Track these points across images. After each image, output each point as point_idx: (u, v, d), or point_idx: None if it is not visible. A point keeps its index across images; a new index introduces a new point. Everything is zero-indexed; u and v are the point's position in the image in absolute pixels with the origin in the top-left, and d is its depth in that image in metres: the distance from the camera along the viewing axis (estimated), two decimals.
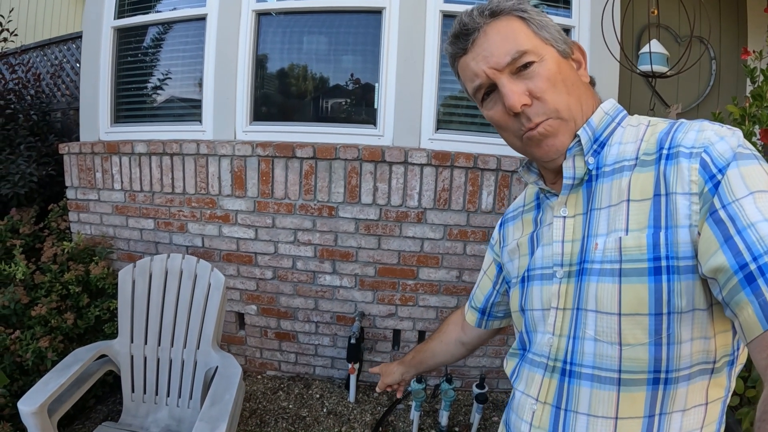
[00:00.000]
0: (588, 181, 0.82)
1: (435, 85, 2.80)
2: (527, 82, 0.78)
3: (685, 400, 0.74)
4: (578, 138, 0.80)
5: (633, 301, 0.72)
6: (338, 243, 2.87)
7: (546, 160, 0.83)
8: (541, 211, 0.93)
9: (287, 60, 3.03)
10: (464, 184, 2.73)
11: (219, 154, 2.87)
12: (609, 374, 0.75)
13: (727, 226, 0.63)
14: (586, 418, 0.78)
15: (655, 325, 0.71)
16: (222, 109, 2.96)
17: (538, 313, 0.88)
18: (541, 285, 0.87)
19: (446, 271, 2.84)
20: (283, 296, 3.00)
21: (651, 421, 0.75)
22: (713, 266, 0.64)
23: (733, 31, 3.54)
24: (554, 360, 0.83)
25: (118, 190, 3.16)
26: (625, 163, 0.77)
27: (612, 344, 0.74)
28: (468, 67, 0.83)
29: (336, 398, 2.96)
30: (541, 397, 0.86)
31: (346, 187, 2.78)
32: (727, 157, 0.67)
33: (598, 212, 0.78)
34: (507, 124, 0.82)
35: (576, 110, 0.80)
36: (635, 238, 0.72)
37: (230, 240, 2.98)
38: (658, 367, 0.72)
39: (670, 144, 0.72)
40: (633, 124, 0.82)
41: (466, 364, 2.98)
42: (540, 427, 0.85)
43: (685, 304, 0.70)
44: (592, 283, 0.76)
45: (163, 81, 3.26)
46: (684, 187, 0.69)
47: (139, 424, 2.27)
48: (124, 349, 2.33)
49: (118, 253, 3.27)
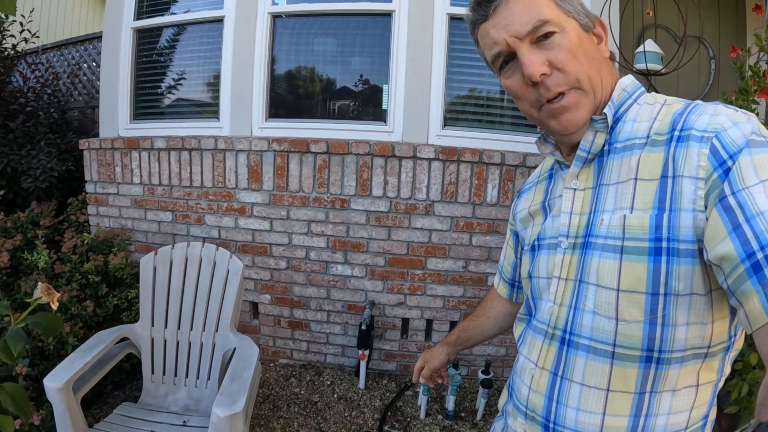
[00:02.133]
0: (600, 156, 0.82)
1: (442, 83, 2.92)
2: (547, 53, 0.77)
3: (676, 381, 0.76)
4: (605, 115, 0.80)
5: (632, 278, 0.73)
6: (350, 234, 2.99)
7: (563, 134, 0.83)
8: (553, 182, 0.95)
9: (301, 60, 3.16)
10: (470, 177, 2.85)
11: (236, 149, 3.00)
12: (604, 347, 0.77)
13: (735, 214, 0.63)
14: (579, 387, 0.81)
15: (651, 305, 0.72)
16: (239, 106, 3.09)
17: (543, 281, 0.90)
18: (547, 254, 0.89)
19: (453, 262, 2.95)
20: (297, 286, 3.12)
21: (641, 397, 0.77)
22: (720, 254, 0.64)
23: (732, 31, 3.63)
24: (554, 328, 0.86)
25: (137, 184, 3.29)
26: (636, 141, 0.77)
27: (609, 318, 0.76)
28: (488, 35, 0.82)
29: (346, 385, 3.06)
30: (540, 362, 0.88)
31: (357, 181, 2.91)
32: (739, 144, 0.66)
33: (607, 188, 0.79)
34: (524, 93, 0.82)
35: (597, 83, 0.80)
36: (639, 217, 0.72)
37: (246, 231, 3.10)
38: (651, 346, 0.73)
39: (683, 126, 0.72)
40: (649, 102, 0.82)
41: (472, 353, 3.09)
42: (537, 391, 0.88)
43: (682, 287, 0.70)
44: (595, 257, 0.78)
45: (181, 79, 3.39)
46: (691, 171, 0.68)
47: (158, 404, 2.38)
48: (145, 332, 2.45)
49: (136, 245, 3.39)
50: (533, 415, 0.89)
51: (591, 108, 0.80)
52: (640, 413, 0.77)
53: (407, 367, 3.17)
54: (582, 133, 0.82)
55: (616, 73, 0.86)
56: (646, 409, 0.77)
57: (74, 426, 1.93)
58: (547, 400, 0.86)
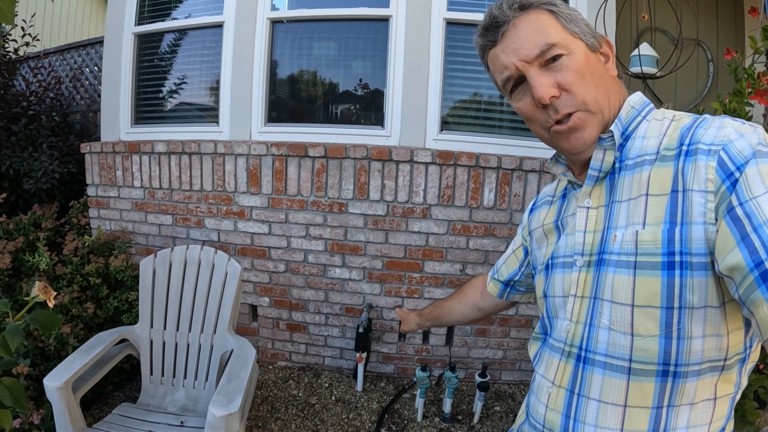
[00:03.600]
0: (611, 173, 0.83)
1: (439, 88, 2.94)
2: (556, 75, 0.79)
3: (694, 394, 0.75)
4: (611, 133, 0.81)
5: (646, 293, 0.73)
6: (348, 237, 3.01)
7: (573, 153, 0.85)
8: (567, 201, 0.96)
9: (300, 65, 3.19)
10: (467, 181, 2.87)
11: (236, 153, 3.03)
12: (620, 363, 0.77)
13: (743, 224, 0.63)
14: (596, 404, 0.80)
15: (666, 319, 0.72)
16: (238, 111, 3.12)
17: (559, 300, 0.90)
18: (563, 273, 0.89)
19: (450, 265, 2.97)
20: (295, 288, 3.14)
21: (659, 412, 0.76)
22: (730, 264, 0.64)
23: (730, 34, 3.64)
24: (570, 345, 0.86)
25: (137, 188, 3.32)
26: (647, 158, 0.78)
27: (624, 334, 0.76)
28: (497, 59, 0.84)
29: (344, 387, 3.08)
30: (557, 380, 0.88)
31: (355, 184, 2.93)
32: (746, 155, 0.66)
33: (619, 204, 0.80)
34: (535, 115, 0.84)
35: (603, 103, 0.81)
36: (651, 232, 0.73)
37: (245, 234, 3.13)
38: (668, 360, 0.73)
39: (690, 140, 0.72)
40: (658, 118, 0.82)
41: (470, 356, 3.11)
42: (555, 410, 0.88)
43: (696, 300, 0.70)
44: (609, 273, 0.78)
45: (182, 84, 3.43)
46: (701, 185, 0.69)
47: (156, 404, 2.40)
48: (144, 333, 2.48)
49: (137, 248, 3.42)
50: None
51: (599, 127, 0.82)
52: (658, 428, 0.77)
53: (405, 369, 3.19)
54: (591, 151, 0.83)
55: (624, 91, 0.87)
56: (664, 424, 0.77)
57: (73, 425, 1.95)
58: (565, 418, 0.86)
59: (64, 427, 1.94)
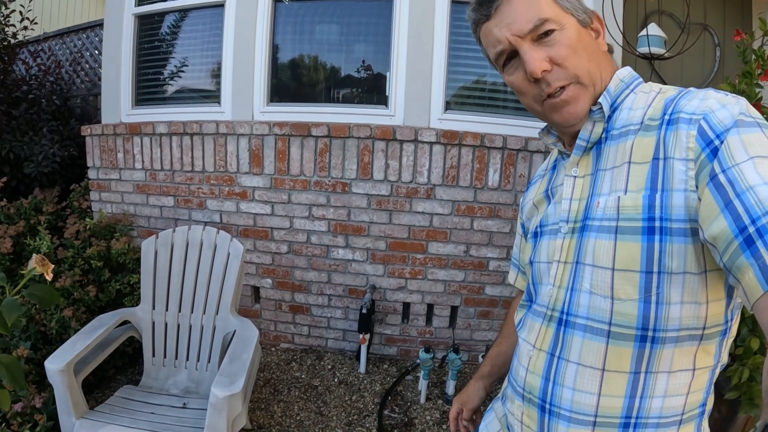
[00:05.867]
0: (598, 143, 0.85)
1: (444, 67, 2.90)
2: (548, 49, 0.80)
3: (671, 362, 0.77)
4: (600, 105, 0.83)
5: (626, 257, 0.75)
6: (351, 218, 2.99)
7: (565, 126, 0.86)
8: (556, 172, 0.98)
9: (302, 44, 3.15)
10: (471, 161, 2.84)
11: (237, 134, 3.00)
12: (600, 326, 0.79)
13: (726, 191, 0.64)
14: (575, 367, 0.82)
15: (646, 283, 0.74)
16: (240, 91, 3.09)
17: (543, 266, 0.92)
18: (549, 240, 0.92)
19: (454, 246, 2.95)
20: (298, 270, 3.12)
21: (636, 377, 0.78)
22: (714, 232, 0.64)
23: (737, 19, 3.61)
24: (552, 309, 0.88)
25: (139, 170, 3.30)
26: (631, 127, 0.80)
27: (605, 298, 0.78)
28: (491, 34, 0.85)
29: (347, 369, 3.08)
30: (537, 343, 0.90)
31: (358, 164, 2.90)
32: (726, 124, 0.68)
33: (603, 173, 0.82)
34: (527, 89, 0.85)
35: (595, 76, 0.83)
36: (632, 198, 0.75)
37: (247, 216, 3.11)
38: (646, 325, 0.75)
39: (673, 110, 0.74)
40: (645, 90, 0.85)
41: (473, 338, 3.10)
42: (535, 372, 0.89)
43: (675, 265, 0.72)
44: (591, 238, 0.80)
45: (183, 65, 3.39)
46: (681, 153, 0.71)
47: (159, 386, 2.39)
48: (146, 315, 2.46)
49: (139, 230, 3.40)
50: (530, 397, 0.91)
51: (590, 100, 0.83)
52: (636, 394, 0.78)
53: (408, 351, 3.18)
54: (582, 124, 0.85)
55: (614, 65, 0.89)
56: (642, 390, 0.78)
57: (75, 408, 1.93)
58: (544, 380, 0.87)
59: (66, 411, 1.92)
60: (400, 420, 2.66)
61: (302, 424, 2.57)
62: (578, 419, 0.82)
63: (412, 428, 2.60)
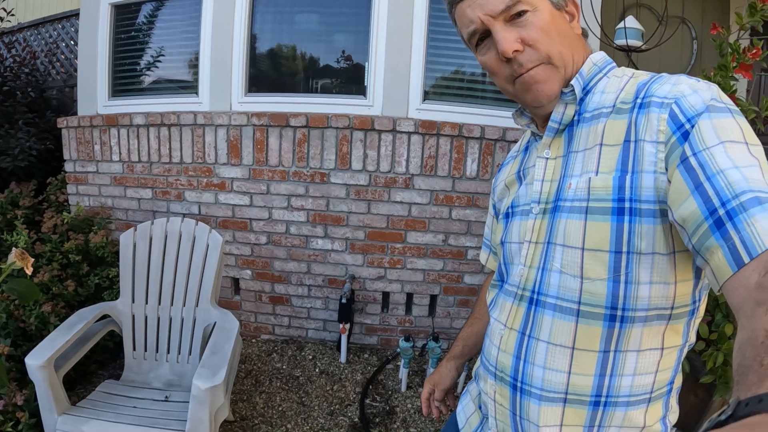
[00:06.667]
0: (570, 125, 0.86)
1: (422, 57, 2.90)
2: (520, 30, 0.80)
3: (640, 341, 0.78)
4: (572, 87, 0.83)
5: (596, 237, 0.76)
6: (330, 208, 2.99)
7: (536, 106, 0.87)
8: (528, 153, 0.99)
9: (281, 33, 3.14)
10: (450, 151, 2.86)
11: (215, 124, 2.98)
12: (570, 305, 0.80)
13: (697, 173, 0.65)
14: (545, 345, 0.83)
15: (615, 263, 0.75)
16: (218, 81, 3.06)
17: (515, 246, 0.93)
18: (520, 220, 0.92)
19: (433, 235, 2.97)
20: (277, 260, 3.12)
21: (606, 356, 0.79)
22: (683, 214, 0.66)
23: (715, 13, 3.66)
24: (523, 289, 0.89)
25: (116, 162, 3.26)
26: (603, 110, 0.81)
27: (575, 277, 0.79)
28: (464, 14, 0.85)
29: (328, 359, 3.09)
30: (509, 323, 0.91)
31: (337, 154, 2.90)
32: (697, 109, 0.69)
33: (575, 155, 0.83)
34: (499, 69, 0.85)
35: (567, 58, 0.83)
36: (603, 179, 0.76)
37: (226, 207, 3.09)
38: (615, 304, 0.76)
39: (645, 94, 0.75)
40: (618, 75, 0.85)
41: (453, 326, 3.12)
42: (506, 351, 0.90)
43: (644, 246, 0.73)
44: (563, 219, 0.81)
45: (160, 55, 3.35)
46: (652, 136, 0.72)
47: (141, 380, 2.37)
48: (126, 308, 2.44)
49: (117, 223, 3.36)
50: (502, 375, 0.92)
51: (561, 82, 0.84)
52: (605, 372, 0.80)
53: (388, 340, 3.20)
54: (553, 105, 0.86)
55: (588, 49, 0.90)
56: (611, 369, 0.79)
57: (57, 404, 1.91)
58: (515, 359, 0.88)
59: (48, 407, 1.90)
60: (382, 408, 2.68)
61: (284, 414, 2.58)
62: (549, 397, 0.84)
63: (394, 416, 2.62)
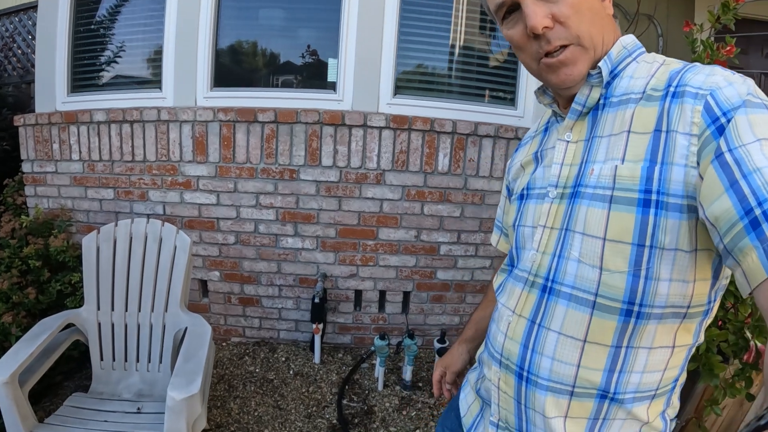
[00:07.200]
0: (595, 109, 0.83)
1: (393, 52, 2.87)
2: (551, 6, 0.77)
3: (653, 338, 0.76)
4: (599, 69, 0.80)
5: (619, 228, 0.73)
6: (300, 205, 2.92)
7: (561, 88, 0.84)
8: (548, 134, 0.96)
9: (248, 27, 3.05)
10: (421, 146, 2.83)
11: (180, 120, 2.87)
12: (586, 296, 0.77)
13: (732, 170, 0.62)
14: (556, 336, 0.81)
15: (636, 256, 0.72)
16: (183, 75, 2.95)
17: (528, 230, 0.90)
18: (535, 203, 0.90)
19: (405, 231, 2.94)
20: (246, 261, 3.04)
21: (617, 351, 0.77)
22: (716, 212, 0.63)
23: (680, 11, 3.71)
24: (535, 275, 0.86)
25: (76, 161, 3.12)
26: (632, 96, 0.77)
27: (593, 267, 0.76)
28: None
29: (302, 360, 3.02)
30: (517, 309, 0.88)
31: (307, 150, 2.84)
32: (733, 102, 0.66)
33: (599, 140, 0.80)
34: (525, 45, 0.82)
35: (597, 39, 0.80)
36: (630, 168, 0.73)
37: (192, 206, 2.99)
38: (633, 299, 0.73)
39: (678, 83, 0.72)
40: (648, 60, 0.82)
41: (426, 323, 3.10)
42: (513, 339, 0.88)
43: (668, 241, 0.70)
44: (583, 206, 0.78)
45: (122, 49, 3.22)
46: (685, 128, 0.69)
47: (110, 392, 2.25)
48: (91, 316, 2.31)
49: (78, 226, 3.22)
50: (507, 363, 0.89)
51: (589, 64, 0.81)
52: (615, 368, 0.78)
53: (362, 339, 3.15)
54: (579, 87, 0.83)
55: (618, 31, 0.86)
56: (621, 365, 0.77)
57: (23, 422, 1.79)
58: (523, 348, 0.86)
59: (14, 425, 1.78)
60: (360, 408, 2.63)
61: (261, 419, 2.51)
62: (556, 388, 0.81)
63: (373, 416, 2.58)
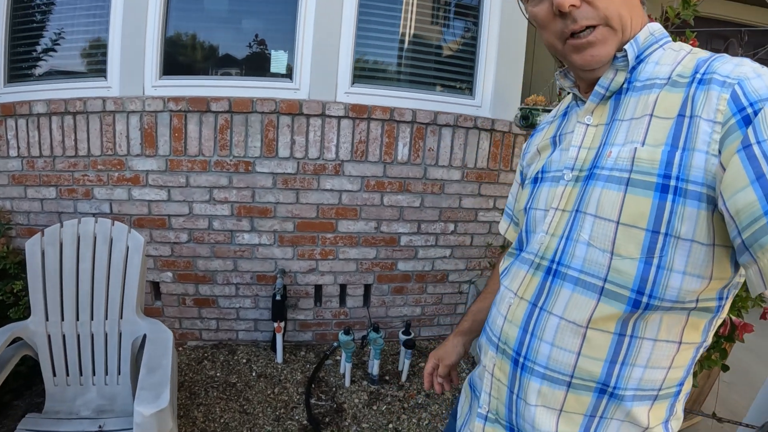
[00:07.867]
0: (618, 93, 0.81)
1: (352, 39, 2.82)
2: None
3: (658, 330, 0.74)
4: (625, 53, 0.78)
5: (634, 212, 0.71)
6: (256, 199, 2.82)
7: (585, 69, 0.81)
8: (567, 118, 0.93)
9: (201, 12, 2.93)
10: (381, 136, 2.78)
11: (127, 111, 2.72)
12: (594, 281, 0.74)
13: (760, 164, 0.60)
14: (558, 320, 0.78)
15: (650, 243, 0.70)
16: (130, 63, 2.80)
17: (539, 213, 0.88)
18: (549, 186, 0.87)
19: (365, 223, 2.88)
20: (201, 259, 2.90)
21: (621, 340, 0.74)
22: (739, 204, 0.61)
23: None
24: (541, 258, 0.83)
25: (14, 158, 2.91)
26: (657, 81, 0.76)
27: (604, 252, 0.73)
28: None
29: (263, 361, 2.91)
30: (520, 291, 0.86)
31: (263, 141, 2.74)
32: (761, 94, 0.64)
33: (620, 123, 0.78)
34: (550, 23, 0.79)
35: (626, 22, 0.78)
36: (650, 151, 0.70)
37: (141, 203, 2.83)
38: (642, 288, 0.71)
39: (706, 70, 0.71)
40: (674, 48, 0.80)
41: (388, 315, 3.04)
42: (512, 322, 0.85)
43: (684, 230, 0.68)
44: (598, 187, 0.76)
45: (64, 35, 3.04)
46: (710, 114, 0.67)
47: (67, 410, 2.05)
48: (40, 328, 2.09)
49: (18, 229, 3.00)
50: (504, 348, 0.86)
51: (616, 46, 0.78)
52: (617, 359, 0.75)
53: (324, 335, 3.06)
54: (603, 70, 0.81)
55: (645, 17, 0.84)
56: (624, 356, 0.75)
57: None
58: (522, 331, 0.83)
59: None
60: (330, 407, 2.55)
61: (228, 426, 2.37)
62: (553, 377, 0.78)
63: (343, 413, 2.50)
